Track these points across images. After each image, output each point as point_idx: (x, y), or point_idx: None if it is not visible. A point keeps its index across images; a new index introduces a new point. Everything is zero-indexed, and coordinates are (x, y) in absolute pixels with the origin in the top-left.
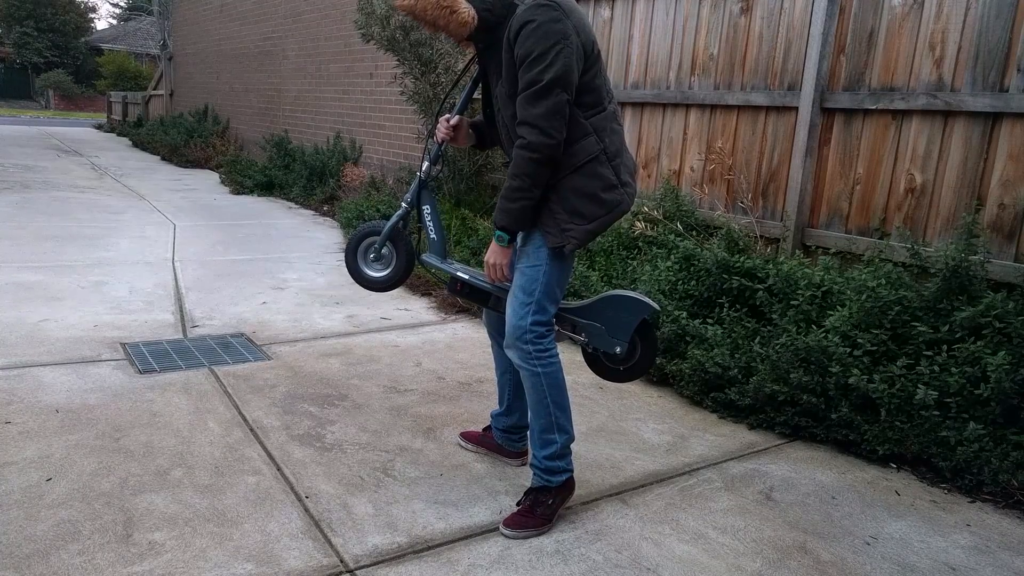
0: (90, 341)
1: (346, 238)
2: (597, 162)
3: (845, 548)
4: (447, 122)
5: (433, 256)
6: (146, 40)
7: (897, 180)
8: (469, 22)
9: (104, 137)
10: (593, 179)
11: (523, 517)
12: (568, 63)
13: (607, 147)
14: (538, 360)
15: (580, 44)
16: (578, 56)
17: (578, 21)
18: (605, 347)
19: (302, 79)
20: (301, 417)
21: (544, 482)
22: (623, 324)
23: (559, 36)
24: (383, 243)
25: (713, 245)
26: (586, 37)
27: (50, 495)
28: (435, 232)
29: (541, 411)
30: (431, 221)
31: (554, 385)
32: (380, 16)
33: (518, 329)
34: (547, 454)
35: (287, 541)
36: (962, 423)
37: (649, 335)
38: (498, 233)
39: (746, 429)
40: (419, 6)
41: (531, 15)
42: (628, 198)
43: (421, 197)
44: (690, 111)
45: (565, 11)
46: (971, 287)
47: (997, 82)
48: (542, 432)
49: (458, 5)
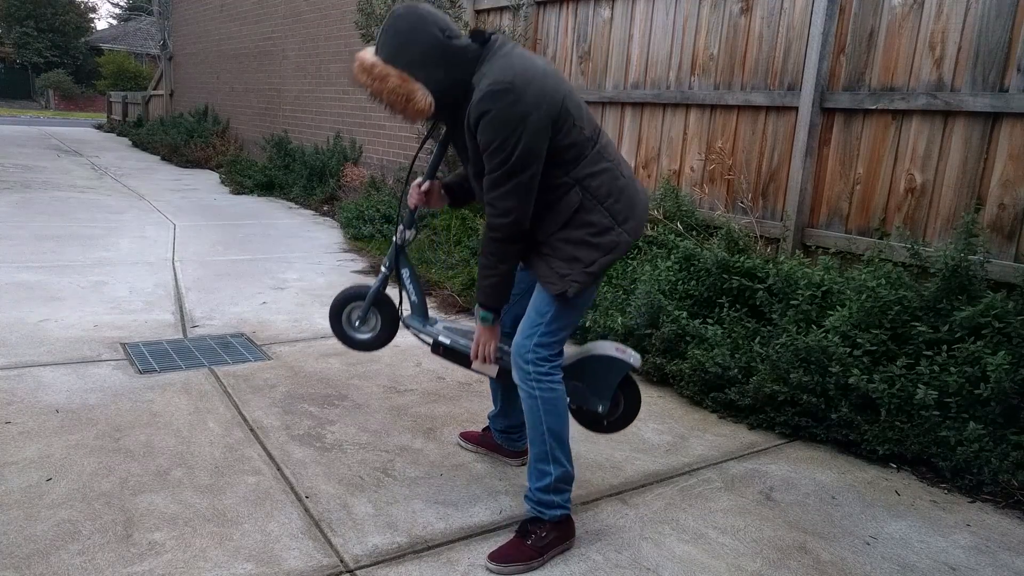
0: (90, 341)
1: (346, 238)
2: (584, 211)
3: (845, 548)
4: (419, 187)
5: (415, 319)
6: (146, 40)
7: (897, 180)
8: (425, 110)
9: (104, 137)
10: (583, 228)
11: (511, 549)
12: (529, 145)
13: (595, 192)
14: (536, 383)
15: (546, 114)
16: (544, 128)
17: (538, 90)
18: (587, 405)
19: (302, 79)
20: (301, 417)
21: (537, 513)
22: (604, 383)
23: (517, 121)
24: (367, 310)
25: (713, 245)
26: (551, 102)
27: (50, 495)
28: (415, 295)
29: (536, 438)
30: (411, 284)
31: (551, 412)
32: (380, 16)
33: (521, 347)
34: (540, 486)
35: (287, 541)
36: (962, 423)
37: (631, 388)
38: (482, 315)
39: (746, 429)
40: (375, 89)
41: (487, 105)
42: (629, 234)
43: (399, 262)
44: (690, 111)
45: (519, 89)
46: (971, 287)
47: (997, 82)
48: (536, 461)
49: (414, 94)
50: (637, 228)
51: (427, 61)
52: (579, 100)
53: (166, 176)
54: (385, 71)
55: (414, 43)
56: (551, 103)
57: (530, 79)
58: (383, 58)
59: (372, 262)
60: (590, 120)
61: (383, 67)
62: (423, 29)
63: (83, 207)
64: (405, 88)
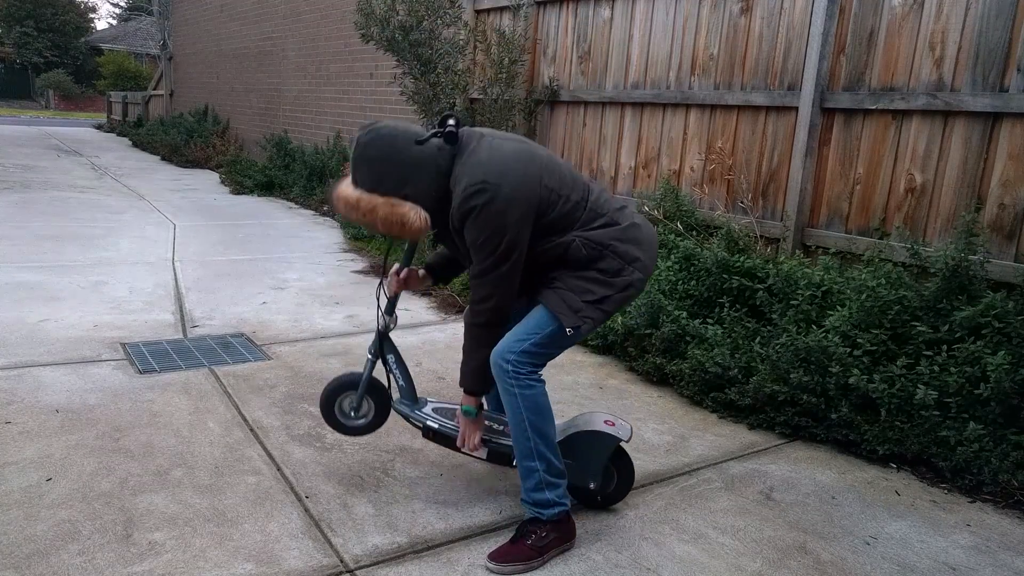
0: (90, 341)
1: (346, 238)
2: (592, 260)
3: (845, 548)
4: (397, 275)
5: (405, 403)
6: (146, 40)
7: (897, 180)
8: (423, 227)
9: (104, 137)
10: (594, 271)
11: (511, 549)
12: (513, 238)
13: (599, 241)
14: (515, 380)
15: (525, 203)
16: (525, 218)
17: (514, 182)
18: (579, 483)
19: (302, 79)
20: (301, 417)
21: (535, 514)
22: (594, 459)
23: (497, 218)
24: (361, 399)
25: (713, 245)
26: (528, 190)
27: (50, 495)
28: (403, 379)
29: (520, 435)
30: (397, 369)
31: (532, 408)
32: (379, 16)
33: (507, 350)
34: (530, 485)
35: (287, 541)
36: (962, 423)
37: (623, 460)
38: (464, 408)
39: (746, 429)
40: (367, 222)
41: (469, 204)
42: (641, 272)
43: (384, 347)
44: (690, 111)
45: (494, 187)
46: (971, 287)
47: (997, 82)
48: (522, 458)
49: (407, 217)
50: (648, 265)
51: (408, 177)
52: (559, 169)
53: (166, 176)
54: (371, 203)
55: (390, 165)
56: (528, 191)
57: (502, 172)
58: (366, 189)
59: (372, 262)
60: (575, 184)
61: (368, 198)
62: (393, 148)
63: (83, 207)
64: (397, 213)
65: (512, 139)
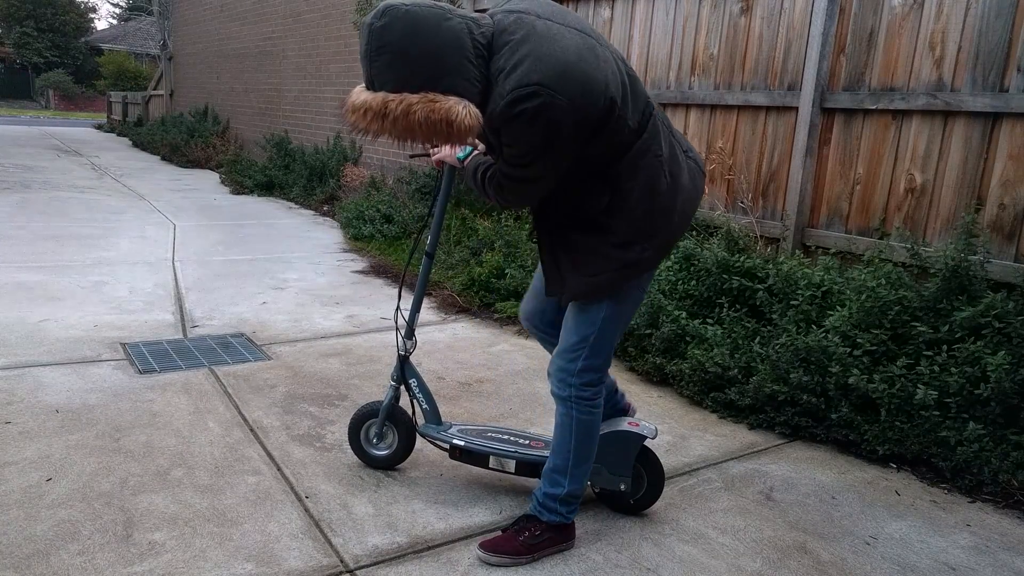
0: (90, 341)
1: (346, 238)
2: (607, 214)
3: (845, 548)
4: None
5: (430, 426)
6: (146, 40)
7: (897, 180)
8: (475, 124)
9: (104, 137)
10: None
11: (503, 540)
12: (553, 160)
13: (626, 195)
14: (576, 406)
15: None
16: (578, 137)
17: (578, 87)
18: (610, 486)
19: (302, 79)
20: (301, 417)
21: (536, 512)
22: (621, 459)
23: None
24: (382, 425)
25: (713, 245)
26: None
27: (50, 495)
28: (426, 403)
29: (560, 450)
30: (420, 393)
31: (584, 434)
32: None
33: (565, 372)
34: (549, 492)
35: (287, 541)
36: (962, 423)
37: (651, 460)
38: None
39: (746, 429)
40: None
41: (516, 108)
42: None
43: (405, 373)
44: (690, 111)
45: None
46: (971, 287)
47: (997, 82)
48: (552, 470)
49: (453, 112)
50: (666, 244)
51: (444, 65)
52: (624, 78)
53: (166, 176)
54: (404, 102)
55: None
56: (590, 105)
57: (562, 74)
58: (390, 90)
59: (372, 262)
60: (639, 101)
61: (398, 98)
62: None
63: (83, 207)
64: (440, 110)
65: (573, 25)
